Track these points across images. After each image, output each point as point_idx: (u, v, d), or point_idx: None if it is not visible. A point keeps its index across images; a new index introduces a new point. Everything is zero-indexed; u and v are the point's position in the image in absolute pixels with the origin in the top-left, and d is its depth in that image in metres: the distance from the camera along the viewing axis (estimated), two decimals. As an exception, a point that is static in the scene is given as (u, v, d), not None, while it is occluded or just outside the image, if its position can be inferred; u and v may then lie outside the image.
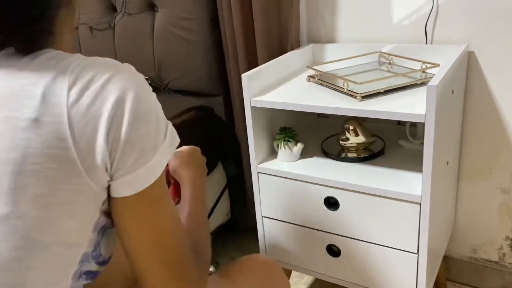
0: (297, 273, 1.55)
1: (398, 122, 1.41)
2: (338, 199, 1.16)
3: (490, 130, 1.31)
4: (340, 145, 1.24)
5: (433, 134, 0.96)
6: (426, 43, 1.32)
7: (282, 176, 1.22)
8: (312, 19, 1.48)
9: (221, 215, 1.70)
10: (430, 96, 0.94)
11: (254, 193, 1.30)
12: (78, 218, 0.57)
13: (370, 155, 1.23)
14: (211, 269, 1.64)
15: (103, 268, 0.65)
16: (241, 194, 1.71)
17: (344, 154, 1.24)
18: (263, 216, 1.32)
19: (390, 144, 1.28)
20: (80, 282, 0.62)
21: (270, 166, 1.25)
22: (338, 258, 1.23)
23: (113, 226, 0.64)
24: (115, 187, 0.58)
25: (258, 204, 1.30)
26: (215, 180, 1.65)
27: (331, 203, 1.17)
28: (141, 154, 0.57)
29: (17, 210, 0.53)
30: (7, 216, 0.53)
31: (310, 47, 1.45)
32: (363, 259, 1.19)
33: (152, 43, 1.65)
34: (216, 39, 1.55)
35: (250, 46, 1.43)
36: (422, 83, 1.14)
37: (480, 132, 1.33)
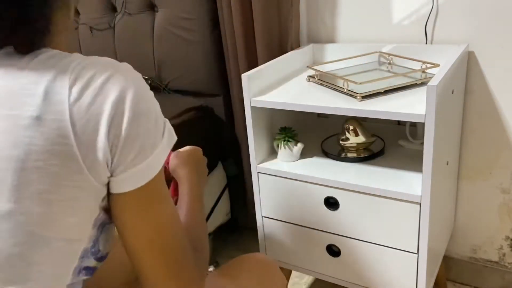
0: (297, 273, 1.55)
1: (398, 122, 1.41)
2: (338, 199, 1.16)
3: (490, 130, 1.31)
4: (340, 145, 1.24)
5: (433, 134, 0.96)
6: (426, 43, 1.32)
7: (282, 176, 1.22)
8: (312, 19, 1.48)
9: (221, 215, 1.70)
10: (430, 96, 0.94)
11: (254, 193, 1.30)
12: (79, 214, 0.58)
13: (370, 155, 1.23)
14: (211, 269, 1.64)
15: (101, 264, 0.66)
16: (241, 194, 1.71)
17: (344, 154, 1.24)
18: (263, 216, 1.32)
19: (390, 144, 1.28)
20: (79, 277, 0.63)
21: (270, 166, 1.25)
22: (338, 258, 1.23)
23: (111, 223, 0.65)
24: (115, 183, 0.60)
25: (258, 204, 1.30)
26: (215, 180, 1.65)
27: (331, 203, 1.17)
28: (141, 150, 0.59)
29: (20, 206, 0.54)
30: (11, 212, 0.54)
31: (310, 47, 1.46)
32: (363, 259, 1.19)
33: (152, 43, 1.65)
34: (216, 39, 1.55)
35: (250, 46, 1.43)
36: (422, 83, 1.14)
37: (480, 132, 1.33)
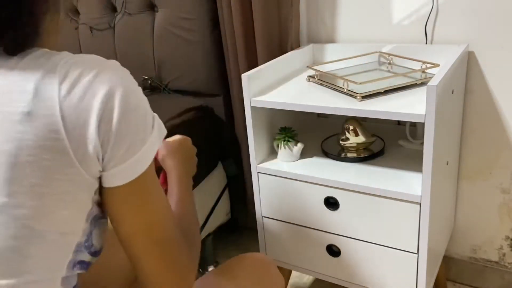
0: (297, 273, 1.55)
1: (398, 122, 1.41)
2: (338, 199, 1.16)
3: (490, 130, 1.31)
4: (340, 145, 1.24)
5: (433, 134, 0.96)
6: (426, 43, 1.32)
7: (282, 176, 1.22)
8: (312, 19, 1.48)
9: (221, 215, 1.70)
10: (430, 96, 0.94)
11: (254, 193, 1.30)
12: (71, 207, 0.59)
13: (370, 155, 1.23)
14: (211, 268, 1.64)
15: (96, 259, 0.67)
16: (241, 194, 1.71)
17: (344, 154, 1.25)
18: (263, 216, 1.32)
19: (390, 144, 1.28)
20: (74, 271, 0.64)
21: (270, 166, 1.25)
22: (338, 258, 1.23)
23: (104, 217, 0.66)
24: (107, 177, 0.61)
25: (258, 204, 1.30)
26: (215, 180, 1.65)
27: (331, 203, 1.17)
28: (131, 145, 0.60)
29: (13, 200, 0.55)
30: (4, 206, 0.55)
31: (310, 47, 1.46)
32: (363, 259, 1.19)
33: (152, 43, 1.65)
34: (216, 39, 1.55)
35: (250, 46, 1.43)
36: (422, 83, 1.14)
37: (480, 132, 1.33)
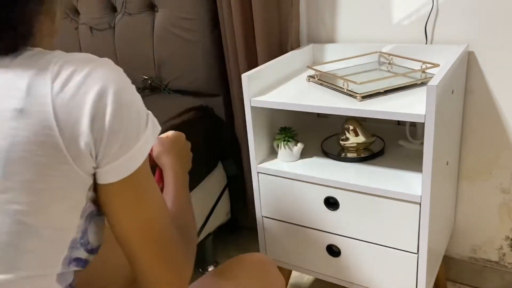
0: (297, 273, 1.55)
1: (398, 122, 1.41)
2: (338, 199, 1.16)
3: (490, 130, 1.31)
4: (340, 145, 1.24)
5: (433, 134, 0.96)
6: (426, 43, 1.32)
7: (282, 176, 1.22)
8: (312, 19, 1.48)
9: (221, 215, 1.70)
10: (430, 96, 0.94)
11: (254, 193, 1.30)
12: (66, 203, 0.60)
13: (370, 155, 1.23)
14: (211, 268, 1.64)
15: (93, 256, 0.68)
16: (241, 194, 1.71)
17: (344, 154, 1.24)
18: (263, 216, 1.32)
19: (390, 144, 1.28)
20: (70, 268, 0.64)
21: (270, 166, 1.25)
22: (338, 258, 1.23)
23: (100, 214, 0.66)
24: (101, 174, 0.61)
25: (258, 204, 1.30)
26: (215, 180, 1.65)
27: (331, 203, 1.17)
28: (124, 142, 0.60)
29: (8, 196, 0.56)
30: None
31: (310, 47, 1.45)
32: (363, 259, 1.19)
33: (152, 43, 1.65)
34: (216, 39, 1.55)
35: (250, 46, 1.43)
36: (422, 83, 1.14)
37: (480, 132, 1.33)
